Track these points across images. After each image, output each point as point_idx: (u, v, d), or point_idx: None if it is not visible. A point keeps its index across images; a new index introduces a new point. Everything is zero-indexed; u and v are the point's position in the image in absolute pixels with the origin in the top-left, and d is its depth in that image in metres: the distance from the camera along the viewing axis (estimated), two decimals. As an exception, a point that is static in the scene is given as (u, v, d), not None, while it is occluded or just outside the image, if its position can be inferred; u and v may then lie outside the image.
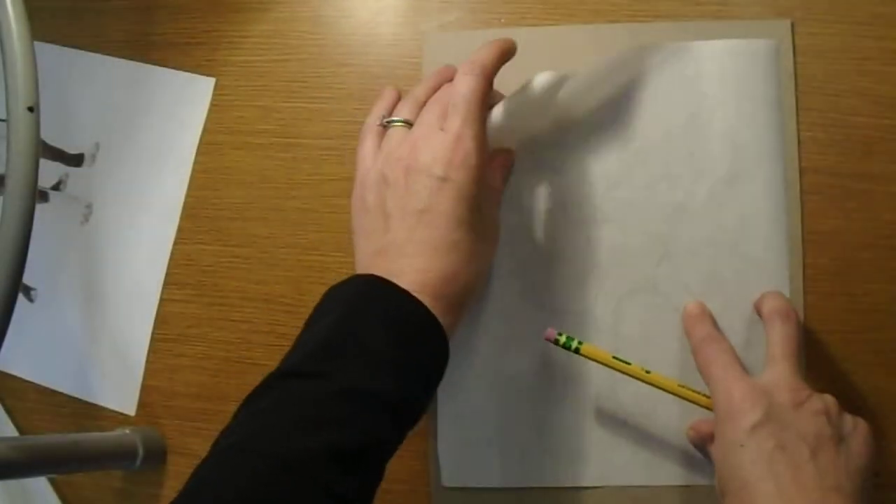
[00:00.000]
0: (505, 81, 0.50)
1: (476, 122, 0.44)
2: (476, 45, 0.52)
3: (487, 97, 0.45)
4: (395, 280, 0.40)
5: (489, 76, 0.45)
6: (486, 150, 0.44)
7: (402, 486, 0.52)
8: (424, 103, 0.47)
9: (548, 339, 0.47)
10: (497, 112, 0.48)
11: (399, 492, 0.52)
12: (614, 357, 0.46)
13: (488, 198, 0.47)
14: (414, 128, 0.46)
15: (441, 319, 0.41)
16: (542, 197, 0.52)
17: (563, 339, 0.46)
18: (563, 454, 0.51)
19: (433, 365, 0.41)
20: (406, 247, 0.42)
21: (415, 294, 0.40)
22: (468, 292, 0.44)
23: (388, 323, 0.39)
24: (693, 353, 0.46)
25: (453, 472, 0.51)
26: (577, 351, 0.46)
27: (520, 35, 0.52)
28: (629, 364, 0.46)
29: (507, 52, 0.47)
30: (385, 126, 0.47)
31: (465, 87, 0.44)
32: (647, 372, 0.46)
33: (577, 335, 0.49)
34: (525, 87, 0.47)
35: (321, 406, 0.37)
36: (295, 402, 0.37)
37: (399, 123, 0.47)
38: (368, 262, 0.44)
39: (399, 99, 0.49)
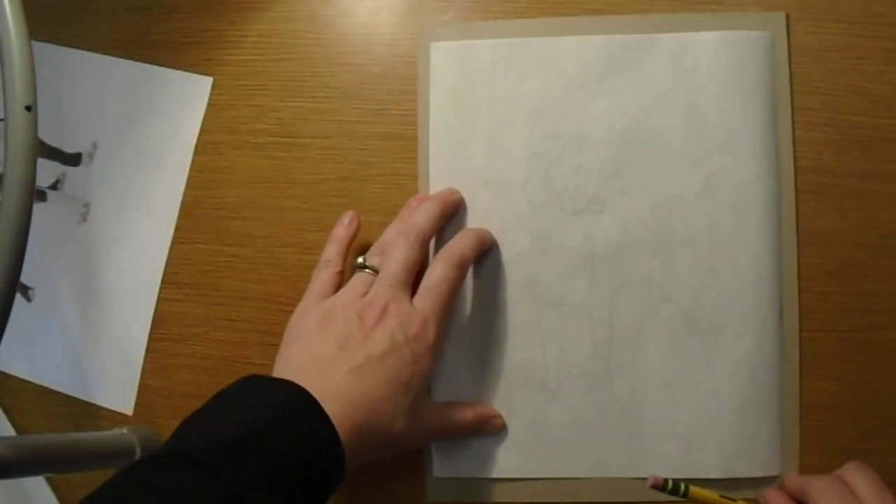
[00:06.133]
0: (497, 84, 0.52)
1: (444, 311, 0.48)
2: (473, 34, 0.53)
3: (460, 287, 0.50)
4: (322, 401, 0.41)
5: (466, 268, 0.50)
6: (442, 335, 0.49)
7: (400, 475, 0.53)
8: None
9: (654, 487, 0.44)
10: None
11: (397, 483, 0.53)
12: (721, 496, 0.45)
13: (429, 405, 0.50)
14: (389, 277, 0.48)
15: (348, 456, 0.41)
16: (536, 188, 0.52)
17: (670, 485, 0.44)
18: (556, 445, 0.51)
19: (325, 494, 0.41)
20: (344, 379, 0.43)
21: (338, 424, 0.41)
22: (382, 442, 0.44)
23: (302, 445, 0.39)
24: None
25: (445, 462, 0.52)
26: (685, 495, 0.45)
27: (516, 26, 0.53)
28: (735, 501, 0.45)
29: (485, 242, 0.51)
30: (359, 267, 0.50)
31: (443, 273, 0.48)
32: None
33: (571, 327, 0.50)
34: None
35: None
36: (178, 500, 0.36)
37: (369, 271, 0.49)
38: (304, 362, 0.45)
39: (354, 227, 0.53)
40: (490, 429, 0.51)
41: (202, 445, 0.37)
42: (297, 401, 0.41)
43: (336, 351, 0.45)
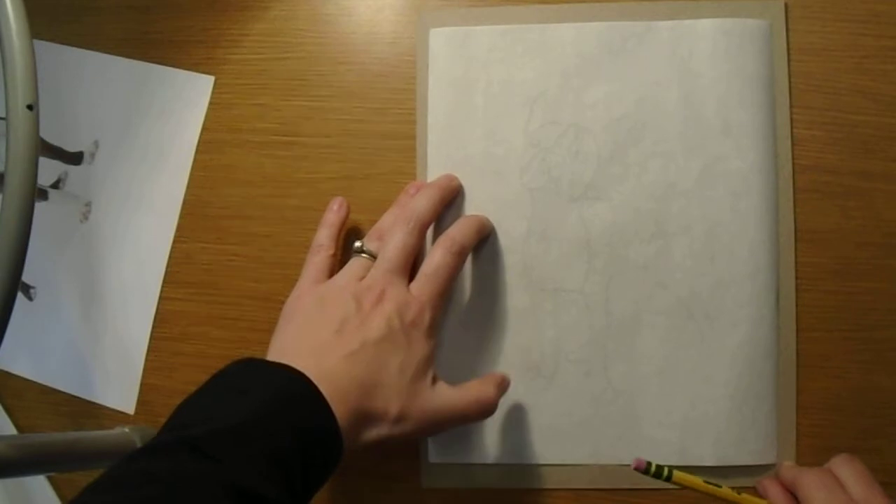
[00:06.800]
0: (495, 70, 0.52)
1: (442, 297, 0.48)
2: (472, 20, 0.53)
3: (458, 274, 0.50)
4: (319, 384, 0.41)
5: (465, 256, 0.50)
6: (439, 321, 0.49)
7: (396, 462, 0.53)
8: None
9: (637, 469, 0.44)
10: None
11: (393, 469, 0.53)
12: (705, 481, 0.45)
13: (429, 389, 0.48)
14: (387, 263, 0.48)
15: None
16: (534, 174, 0.52)
17: (653, 468, 0.44)
18: (552, 431, 0.51)
19: (322, 479, 0.41)
20: (339, 364, 0.44)
21: (334, 407, 0.41)
22: (377, 427, 0.44)
23: (302, 431, 0.39)
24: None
25: (441, 448, 0.52)
26: (668, 479, 0.44)
27: (514, 13, 0.53)
28: (720, 487, 0.45)
29: (484, 229, 0.51)
30: (358, 252, 0.50)
31: (442, 260, 0.48)
32: (739, 493, 0.45)
33: (567, 313, 0.50)
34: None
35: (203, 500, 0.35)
36: (183, 489, 0.35)
37: (366, 255, 0.49)
38: (300, 347, 0.45)
39: (344, 212, 0.53)
40: (503, 387, 0.49)
41: (205, 433, 0.37)
42: (297, 386, 0.41)
43: (332, 335, 0.45)
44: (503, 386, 0.49)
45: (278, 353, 0.45)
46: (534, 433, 0.51)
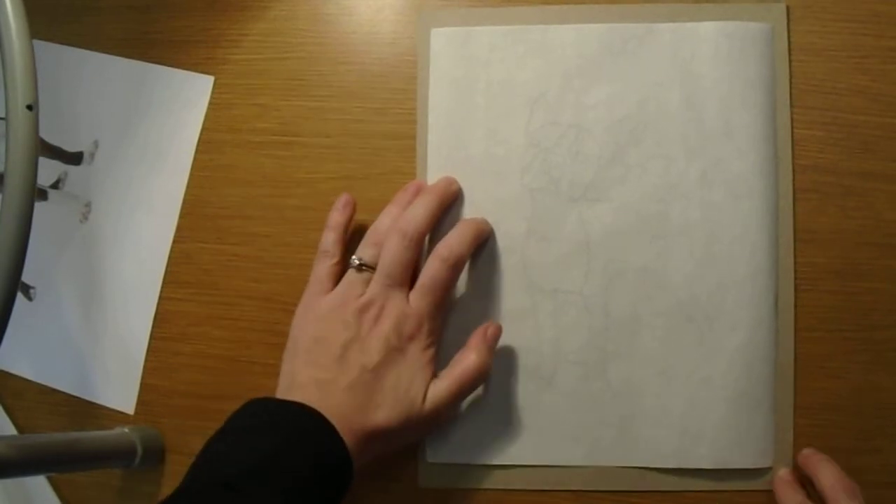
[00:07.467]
0: (495, 71, 0.52)
1: (439, 308, 0.49)
2: (473, 21, 0.53)
3: (454, 284, 0.51)
4: (326, 415, 0.44)
5: (461, 266, 0.50)
6: (439, 331, 0.50)
7: (393, 462, 0.53)
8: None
9: None
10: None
11: (390, 469, 0.53)
12: None
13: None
14: (385, 278, 0.48)
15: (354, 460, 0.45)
16: (534, 175, 0.52)
17: None
18: (550, 432, 0.51)
19: (338, 500, 0.45)
20: (342, 394, 0.46)
21: (341, 434, 0.44)
22: (382, 440, 0.47)
23: (318, 463, 0.42)
24: None
25: (438, 448, 0.52)
26: None
27: (516, 13, 0.53)
28: None
29: (482, 234, 0.51)
30: (357, 268, 0.50)
31: (438, 273, 0.49)
32: None
33: (567, 314, 0.50)
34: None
35: None
36: None
37: (366, 268, 0.50)
38: (306, 379, 0.47)
39: (350, 211, 0.53)
40: (490, 340, 0.50)
41: (232, 471, 0.40)
42: (308, 421, 0.44)
43: (334, 363, 0.47)
44: (489, 339, 0.50)
45: (286, 386, 0.48)
46: (532, 434, 0.51)
